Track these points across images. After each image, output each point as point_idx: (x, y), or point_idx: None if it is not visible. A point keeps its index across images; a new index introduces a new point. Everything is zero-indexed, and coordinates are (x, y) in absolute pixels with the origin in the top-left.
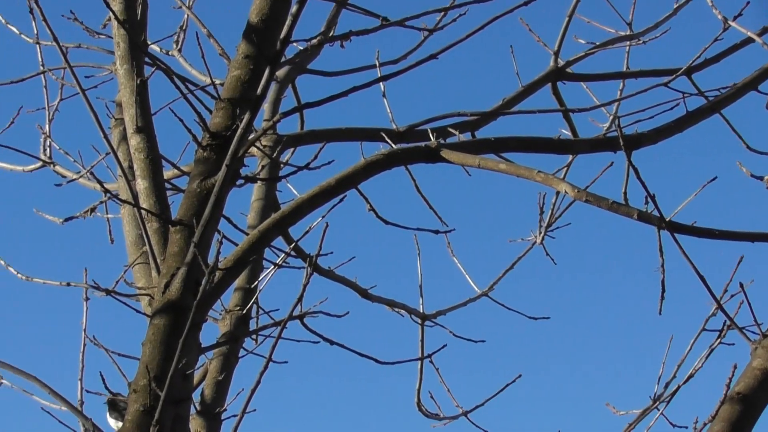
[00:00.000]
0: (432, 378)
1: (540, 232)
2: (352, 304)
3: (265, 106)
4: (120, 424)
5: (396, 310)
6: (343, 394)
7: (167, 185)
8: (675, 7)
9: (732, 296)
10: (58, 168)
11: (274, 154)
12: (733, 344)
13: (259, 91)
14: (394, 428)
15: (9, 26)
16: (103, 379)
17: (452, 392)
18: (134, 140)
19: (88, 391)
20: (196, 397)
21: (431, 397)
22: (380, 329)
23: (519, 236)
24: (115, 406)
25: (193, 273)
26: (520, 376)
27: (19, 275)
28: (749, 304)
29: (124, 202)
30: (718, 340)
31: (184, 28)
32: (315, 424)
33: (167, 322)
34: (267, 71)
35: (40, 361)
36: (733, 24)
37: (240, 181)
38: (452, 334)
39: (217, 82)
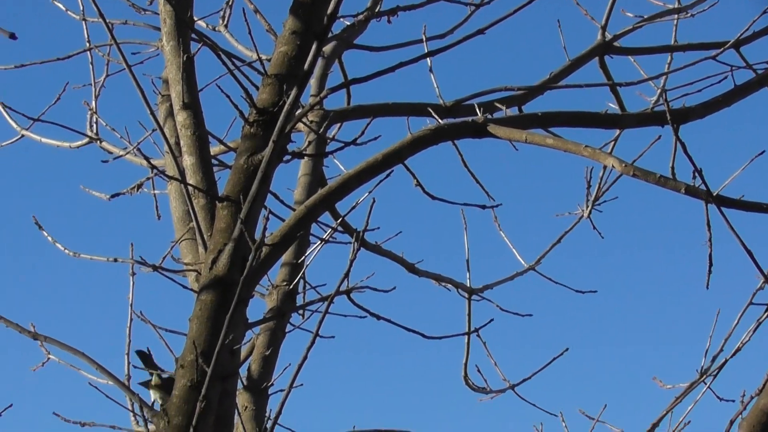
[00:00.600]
0: (479, 352)
1: (587, 207)
2: (398, 279)
3: (312, 82)
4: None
5: (443, 284)
6: (390, 369)
7: (214, 161)
8: None
9: None
10: (104, 144)
11: (321, 130)
12: None
13: (306, 66)
14: (441, 403)
15: (56, 3)
16: (150, 355)
17: (499, 366)
18: (181, 116)
19: (134, 367)
20: (243, 372)
21: (478, 371)
22: (427, 304)
23: (566, 210)
24: (146, 359)
25: (240, 249)
26: (567, 350)
27: (66, 251)
28: None
29: (170, 178)
30: (766, 314)
31: (230, 4)
32: (361, 399)
33: (214, 298)
34: (314, 47)
35: (87, 337)
36: None
37: (287, 157)
38: (499, 308)
39: (264, 58)
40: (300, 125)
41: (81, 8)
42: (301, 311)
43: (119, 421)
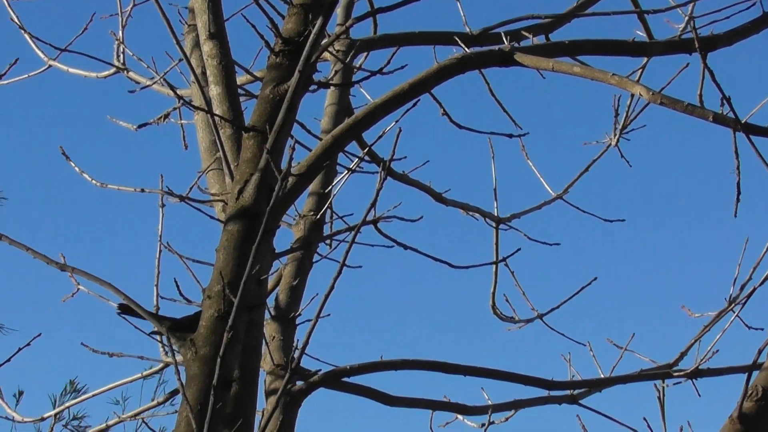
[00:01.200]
0: (507, 282)
1: (615, 135)
2: (425, 209)
3: (338, 11)
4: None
5: (470, 213)
6: (417, 298)
7: (240, 91)
8: None
9: None
10: (131, 74)
11: (347, 60)
12: None
13: None
14: (468, 332)
15: None
16: (178, 286)
17: (527, 296)
18: (207, 46)
19: (162, 297)
20: (270, 302)
21: (506, 300)
22: (454, 234)
23: (594, 139)
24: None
25: (267, 179)
26: (595, 279)
27: (93, 182)
28: None
29: (197, 108)
30: None
31: None
32: (388, 329)
33: (241, 228)
34: None
35: (115, 268)
36: None
37: (313, 87)
38: (527, 237)
39: None
40: (326, 55)
41: None
42: (328, 241)
43: (147, 352)
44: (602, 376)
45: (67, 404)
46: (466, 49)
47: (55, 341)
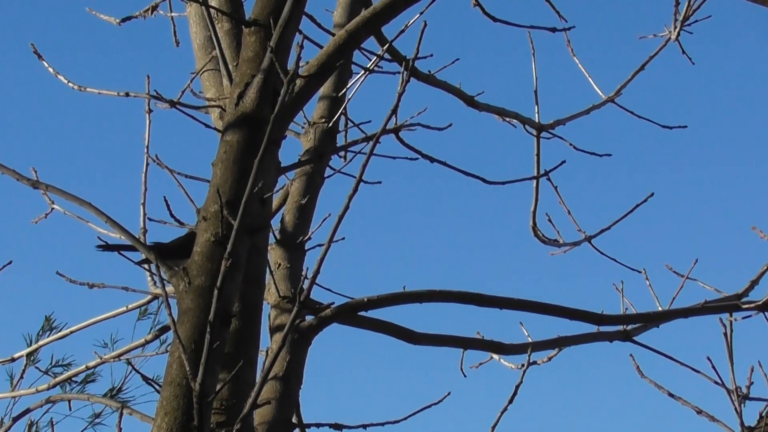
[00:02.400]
0: (549, 199)
1: (674, 27)
2: (455, 115)
3: None
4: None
5: (507, 120)
6: (445, 219)
7: None
8: None
9: None
10: None
11: None
12: None
13: None
14: (505, 258)
15: None
16: (168, 205)
17: (573, 215)
18: None
19: (150, 219)
20: (275, 224)
21: (549, 220)
22: (488, 144)
23: (650, 32)
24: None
25: (271, 81)
26: (652, 195)
27: (70, 84)
28: None
29: None
30: None
31: None
32: (412, 255)
33: (241, 138)
34: None
35: (95, 185)
36: None
37: None
38: (573, 147)
39: None
40: None
41: None
42: (342, 152)
43: (132, 282)
44: (659, 308)
45: (41, 342)
46: None
47: (29, 269)
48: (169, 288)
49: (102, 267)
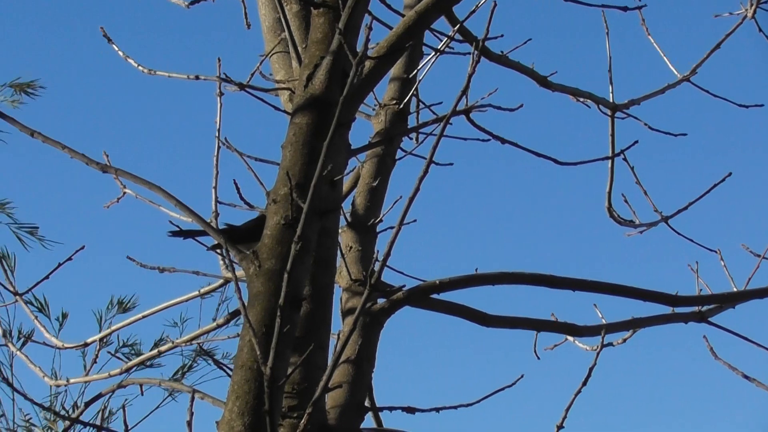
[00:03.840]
0: (625, 179)
1: (751, 5)
2: (527, 96)
3: None
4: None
5: (581, 100)
6: (517, 201)
7: None
8: None
9: None
10: None
11: None
12: None
13: None
14: (579, 240)
15: None
16: (238, 188)
17: (649, 195)
18: None
19: (220, 203)
20: (346, 207)
21: (624, 200)
22: (561, 124)
23: (726, 10)
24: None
25: (340, 63)
26: (729, 174)
27: (140, 68)
28: None
29: None
30: None
31: None
32: (483, 237)
33: (310, 121)
34: None
35: (166, 168)
36: None
37: None
38: (647, 127)
39: None
40: None
41: None
42: (413, 134)
43: (204, 266)
44: (735, 289)
45: (114, 327)
46: None
47: (101, 253)
48: (240, 272)
49: (173, 251)
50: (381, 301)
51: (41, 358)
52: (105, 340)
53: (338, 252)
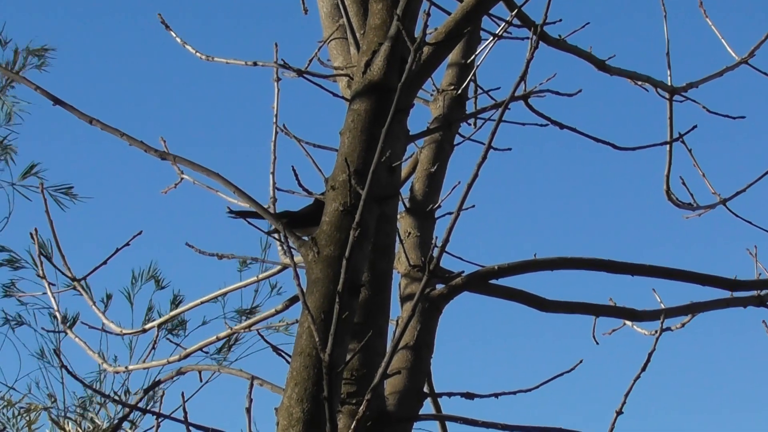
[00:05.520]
0: (683, 162)
1: None
2: (585, 80)
3: None
4: None
5: (638, 83)
6: (575, 186)
7: None
8: None
9: None
10: None
11: None
12: None
13: None
14: (638, 221)
15: None
16: (296, 175)
17: (707, 178)
18: None
19: (278, 189)
20: (404, 193)
21: (683, 183)
22: (619, 109)
23: None
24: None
25: (398, 49)
26: None
27: (198, 54)
28: None
29: None
30: None
31: None
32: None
33: (369, 107)
34: None
35: (223, 154)
36: None
37: None
38: (706, 110)
39: None
40: None
41: None
42: (471, 120)
43: (261, 253)
44: None
45: (172, 313)
46: None
47: (159, 239)
48: (298, 258)
49: (232, 237)
50: (440, 286)
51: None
52: (162, 326)
53: (397, 238)
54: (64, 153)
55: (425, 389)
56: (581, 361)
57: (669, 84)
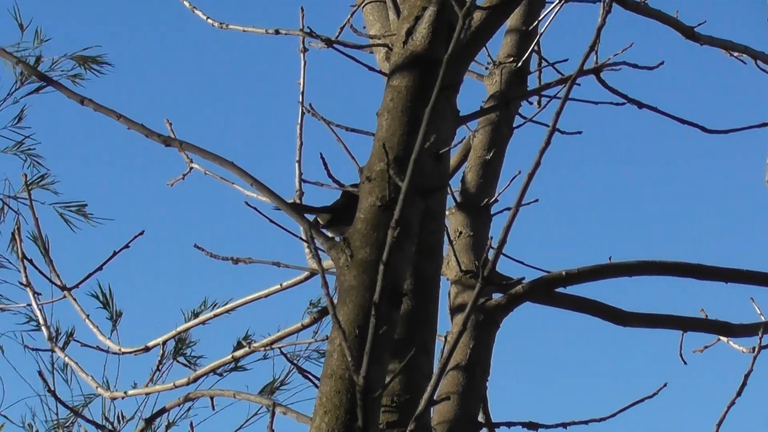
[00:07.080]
0: None
1: None
2: (668, 52)
3: None
4: None
5: (734, 55)
6: (656, 176)
7: None
8: None
9: None
10: None
11: None
12: None
13: None
14: (734, 217)
15: None
16: (325, 163)
17: None
18: None
19: (305, 181)
20: (454, 184)
21: None
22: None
23: None
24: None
25: (445, 14)
26: None
27: (210, 21)
28: None
29: None
30: None
31: None
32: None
33: (411, 83)
34: None
35: (239, 140)
36: None
37: None
38: None
39: None
40: None
41: None
42: (533, 97)
43: (285, 256)
44: None
45: (180, 328)
46: None
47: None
48: (328, 262)
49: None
50: (497, 296)
51: (83, 359)
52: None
53: (445, 238)
54: (50, 137)
55: (480, 418)
56: (665, 385)
57: None
